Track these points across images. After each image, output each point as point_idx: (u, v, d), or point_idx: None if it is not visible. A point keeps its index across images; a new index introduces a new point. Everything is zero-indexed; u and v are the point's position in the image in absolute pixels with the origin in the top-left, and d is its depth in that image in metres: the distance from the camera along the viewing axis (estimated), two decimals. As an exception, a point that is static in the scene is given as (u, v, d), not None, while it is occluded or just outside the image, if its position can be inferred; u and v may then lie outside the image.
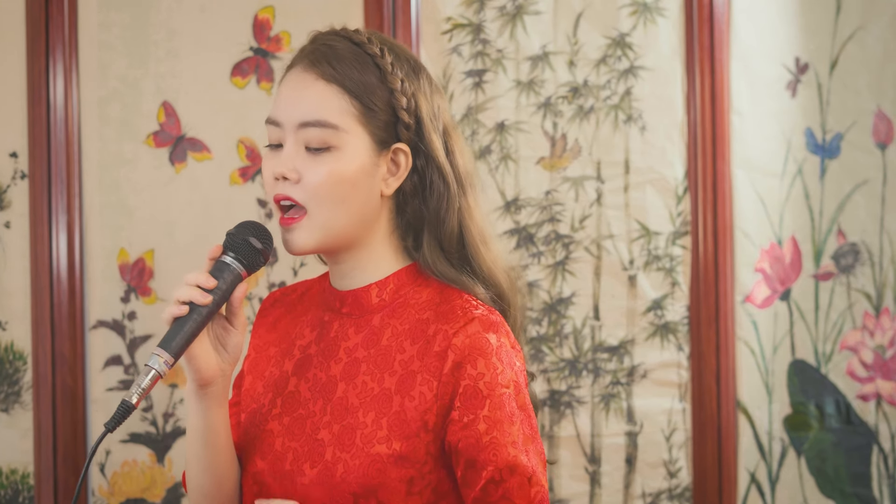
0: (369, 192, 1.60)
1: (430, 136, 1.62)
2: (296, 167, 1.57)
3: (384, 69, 1.59)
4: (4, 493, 2.63)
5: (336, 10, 2.70)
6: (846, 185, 2.90)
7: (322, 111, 1.57)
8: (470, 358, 1.54)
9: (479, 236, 1.65)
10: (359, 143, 1.58)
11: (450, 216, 1.63)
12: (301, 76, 1.59)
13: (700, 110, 2.80)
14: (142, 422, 2.67)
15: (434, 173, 1.63)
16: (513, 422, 1.54)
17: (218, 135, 2.70)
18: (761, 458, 2.85)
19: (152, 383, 1.51)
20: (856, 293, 2.90)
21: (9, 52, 2.65)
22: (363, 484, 1.55)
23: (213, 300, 1.55)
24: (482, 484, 1.53)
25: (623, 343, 2.80)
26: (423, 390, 1.55)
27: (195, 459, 1.66)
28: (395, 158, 1.61)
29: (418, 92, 1.62)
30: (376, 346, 1.61)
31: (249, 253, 1.59)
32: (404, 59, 1.63)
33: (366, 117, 1.58)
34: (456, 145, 1.65)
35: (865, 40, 2.89)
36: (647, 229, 2.80)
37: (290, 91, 1.60)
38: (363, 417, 1.57)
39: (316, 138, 1.57)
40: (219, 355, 1.61)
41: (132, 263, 2.67)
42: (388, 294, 1.63)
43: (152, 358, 1.52)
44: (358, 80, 1.58)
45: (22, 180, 2.65)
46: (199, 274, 1.56)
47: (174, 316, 1.54)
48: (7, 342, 2.64)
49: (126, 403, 1.50)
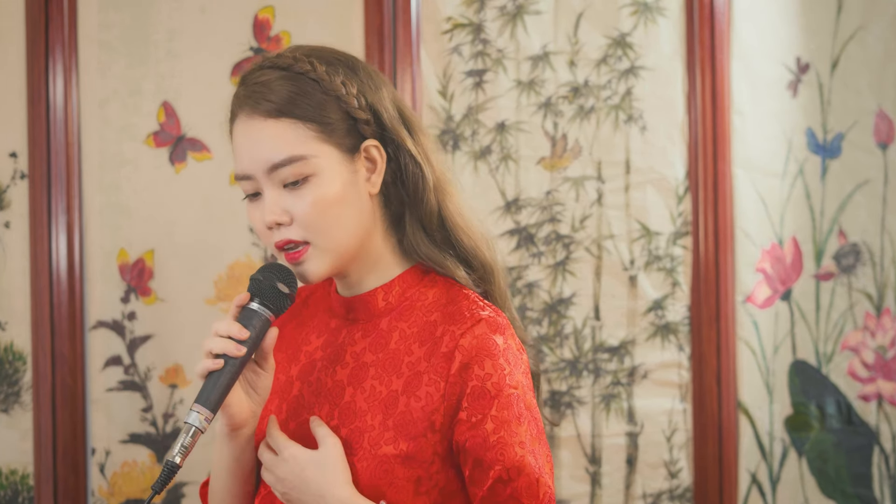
0: (359, 199, 1.60)
1: (391, 123, 1.62)
2: (283, 209, 1.57)
3: (321, 80, 1.58)
4: (4, 493, 2.62)
5: (336, 10, 2.70)
6: (847, 185, 2.89)
7: (285, 148, 1.56)
8: (477, 359, 1.55)
9: (456, 210, 1.66)
10: (331, 161, 1.58)
11: (427, 195, 1.63)
12: (249, 123, 1.58)
13: (701, 110, 2.80)
14: (142, 422, 2.67)
15: (405, 157, 1.63)
16: (520, 422, 1.55)
17: (218, 135, 2.69)
18: (762, 459, 2.84)
19: (194, 440, 1.52)
20: (857, 293, 2.90)
21: (9, 52, 2.65)
22: (371, 485, 1.55)
23: (246, 351, 1.55)
24: (490, 483, 1.54)
25: (624, 343, 2.80)
26: (430, 391, 1.55)
27: (220, 487, 1.69)
28: (369, 156, 1.61)
29: (363, 87, 1.61)
30: (385, 349, 1.61)
31: (276, 298, 1.58)
32: (336, 62, 1.62)
33: (326, 134, 1.58)
34: (415, 126, 1.66)
35: (866, 40, 2.89)
36: (648, 229, 2.80)
37: (245, 140, 1.58)
38: (371, 420, 1.58)
39: (290, 174, 1.56)
40: (250, 398, 1.61)
41: (132, 263, 2.67)
42: (394, 297, 1.64)
43: (192, 415, 1.52)
44: (302, 102, 1.57)
45: (22, 180, 2.65)
46: (230, 324, 1.56)
47: (209, 370, 1.54)
48: (7, 342, 2.64)
49: (170, 464, 1.50)
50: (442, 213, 1.65)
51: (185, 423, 1.52)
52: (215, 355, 1.54)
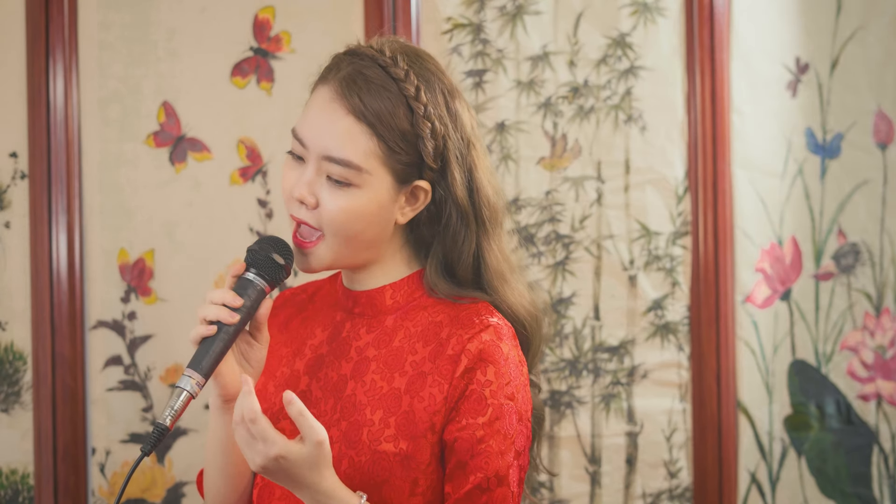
0: (386, 222, 1.61)
1: (454, 173, 1.61)
2: (315, 193, 1.58)
3: (416, 113, 1.57)
4: (4, 493, 2.62)
5: (336, 10, 2.70)
6: (847, 185, 2.90)
7: (347, 150, 1.56)
8: (481, 364, 1.56)
9: (497, 273, 1.65)
10: (380, 183, 1.58)
11: (465, 252, 1.63)
12: (332, 105, 1.57)
13: (700, 110, 2.80)
14: (142, 422, 2.67)
15: (452, 209, 1.62)
16: (509, 434, 1.56)
17: (218, 135, 2.70)
18: (762, 459, 2.85)
19: (185, 404, 1.52)
20: (856, 293, 2.90)
21: (9, 52, 2.64)
22: (367, 480, 1.56)
23: (239, 318, 1.56)
24: (469, 488, 1.55)
25: (623, 343, 2.80)
26: (433, 392, 1.56)
27: (214, 466, 1.68)
28: (415, 192, 1.61)
29: (448, 127, 1.60)
30: (388, 346, 1.62)
31: (272, 269, 1.59)
32: (439, 91, 1.61)
33: (391, 160, 1.58)
34: (483, 177, 1.64)
35: (866, 40, 2.89)
36: (648, 229, 2.80)
37: (320, 114, 1.58)
38: (370, 415, 1.58)
39: (338, 174, 1.57)
40: (243, 370, 1.62)
41: (132, 263, 2.67)
42: (401, 296, 1.64)
43: (183, 379, 1.53)
44: (388, 122, 1.56)
45: (22, 180, 2.65)
46: (224, 292, 1.56)
47: (202, 336, 1.55)
48: (7, 342, 2.64)
49: (160, 426, 1.50)
50: (480, 271, 1.64)
51: (177, 387, 1.52)
52: (209, 322, 1.55)
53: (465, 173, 1.63)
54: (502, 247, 1.67)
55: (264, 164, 2.70)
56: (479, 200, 1.63)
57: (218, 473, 1.68)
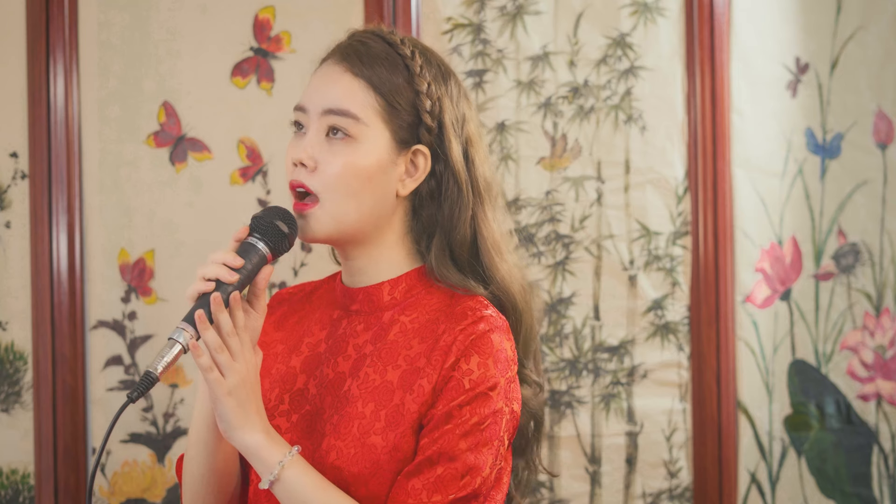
0: (384, 189, 1.62)
1: (451, 141, 1.65)
2: (313, 155, 1.60)
3: (412, 70, 1.63)
4: (5, 493, 2.63)
5: (336, 10, 2.70)
6: (846, 185, 2.90)
7: (346, 101, 1.60)
8: (467, 353, 1.57)
9: (494, 246, 1.67)
10: (378, 138, 1.61)
11: (462, 222, 1.65)
12: (331, 68, 1.64)
13: (700, 110, 2.80)
14: (142, 422, 2.67)
15: (450, 179, 1.65)
16: (479, 424, 1.56)
17: (218, 135, 2.70)
18: (762, 458, 2.85)
19: (176, 356, 1.51)
20: (856, 293, 2.90)
21: (9, 52, 2.64)
22: (355, 472, 1.56)
23: (238, 279, 1.55)
24: (419, 459, 1.55)
25: (623, 343, 2.80)
26: (423, 383, 1.57)
27: (198, 443, 1.65)
28: (414, 160, 1.64)
29: (444, 96, 1.65)
30: (383, 340, 1.63)
31: (276, 236, 1.59)
32: (434, 64, 1.67)
33: (389, 114, 1.62)
34: (477, 154, 1.68)
35: (866, 40, 2.89)
36: (648, 229, 2.80)
37: (319, 81, 1.64)
38: (362, 408, 1.59)
39: (337, 123, 1.60)
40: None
41: (132, 263, 2.67)
42: (399, 293, 1.65)
43: (176, 331, 1.52)
44: (385, 78, 1.62)
45: (22, 180, 2.65)
46: (225, 253, 1.57)
47: (199, 292, 1.55)
48: (7, 342, 2.64)
49: (150, 374, 1.49)
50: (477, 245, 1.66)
51: (170, 339, 1.52)
52: (207, 280, 1.55)
53: (462, 144, 1.66)
54: (498, 220, 1.70)
55: (264, 164, 2.70)
56: (475, 171, 1.67)
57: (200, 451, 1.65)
